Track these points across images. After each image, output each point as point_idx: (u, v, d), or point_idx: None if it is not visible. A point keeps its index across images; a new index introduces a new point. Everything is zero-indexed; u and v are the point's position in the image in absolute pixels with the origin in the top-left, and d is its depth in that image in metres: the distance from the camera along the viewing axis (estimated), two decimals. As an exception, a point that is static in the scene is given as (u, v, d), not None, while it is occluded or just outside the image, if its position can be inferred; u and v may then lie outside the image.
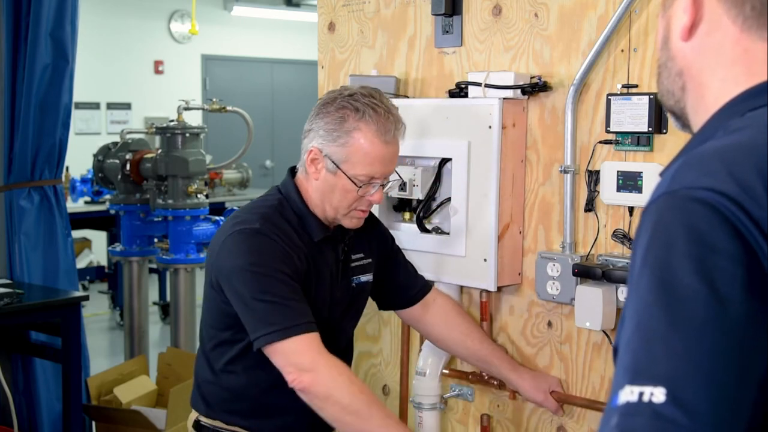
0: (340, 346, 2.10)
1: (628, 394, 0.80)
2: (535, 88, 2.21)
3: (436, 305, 2.25)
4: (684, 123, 1.07)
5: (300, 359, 1.86)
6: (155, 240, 4.94)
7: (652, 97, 2.01)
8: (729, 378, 0.79)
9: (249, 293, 1.89)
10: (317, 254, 2.00)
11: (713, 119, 0.98)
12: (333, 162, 1.94)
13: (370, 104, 1.93)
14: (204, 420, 2.06)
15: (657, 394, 0.78)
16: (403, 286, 2.24)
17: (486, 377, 2.36)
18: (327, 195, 1.98)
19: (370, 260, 2.14)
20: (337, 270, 2.05)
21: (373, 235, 2.19)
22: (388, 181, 2.02)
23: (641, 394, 0.79)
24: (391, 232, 2.40)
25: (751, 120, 0.93)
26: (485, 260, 2.25)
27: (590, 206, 2.17)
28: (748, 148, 0.88)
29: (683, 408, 0.78)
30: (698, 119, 1.02)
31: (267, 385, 1.97)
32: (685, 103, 1.04)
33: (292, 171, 2.07)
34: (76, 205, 7.08)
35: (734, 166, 0.85)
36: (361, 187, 1.95)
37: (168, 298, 5.54)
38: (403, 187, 2.40)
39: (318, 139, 1.96)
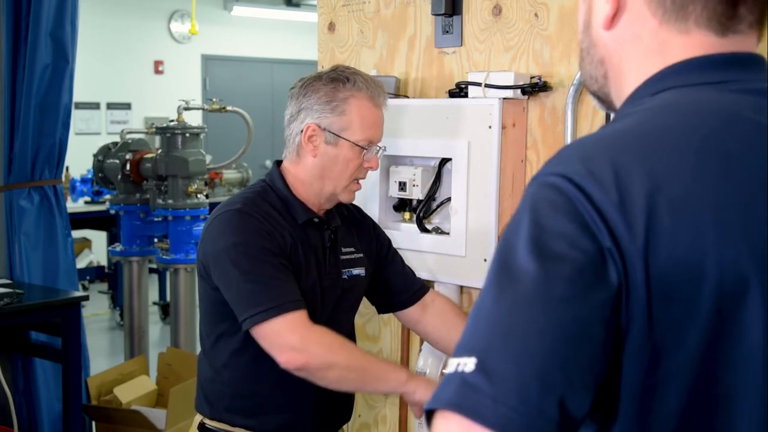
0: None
1: (450, 366, 0.83)
2: (535, 88, 2.21)
3: (434, 306, 2.25)
4: (609, 106, 1.08)
5: (289, 339, 1.86)
6: (155, 240, 4.94)
7: (652, 97, 2.01)
8: (544, 352, 0.81)
9: (234, 274, 1.89)
10: (303, 237, 2.00)
11: (620, 108, 1.01)
12: (333, 133, 1.97)
13: (354, 73, 2.01)
14: (208, 422, 2.04)
15: (468, 364, 0.81)
16: (400, 287, 2.23)
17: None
18: (327, 169, 2.00)
19: (361, 255, 2.13)
20: (324, 258, 2.04)
21: (365, 232, 2.19)
22: (379, 148, 2.05)
23: (458, 365, 0.82)
24: (391, 232, 2.41)
25: (642, 105, 0.96)
26: (485, 260, 2.25)
27: (590, 206, 2.17)
28: (614, 135, 0.92)
29: (489, 376, 0.80)
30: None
31: (269, 379, 1.97)
32: (608, 90, 1.06)
33: (278, 162, 2.10)
34: (76, 205, 7.09)
35: (588, 155, 0.89)
36: (365, 149, 1.98)
37: (168, 298, 5.54)
38: (403, 187, 2.40)
39: (313, 115, 1.99)
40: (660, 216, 0.84)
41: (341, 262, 2.08)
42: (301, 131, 2.00)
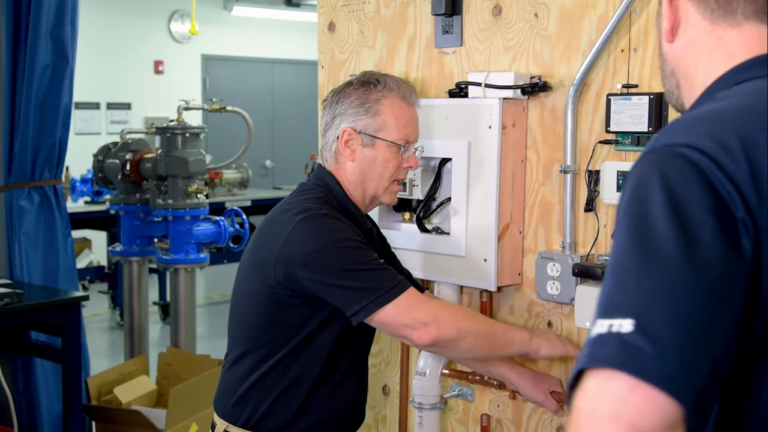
0: (371, 341, 2.13)
1: (599, 327, 0.86)
2: (535, 88, 2.21)
3: None
4: None
5: (418, 314, 1.86)
6: (155, 240, 4.94)
7: (652, 97, 2.01)
8: (696, 314, 0.84)
9: (342, 267, 1.86)
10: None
11: (703, 94, 1.07)
12: (369, 135, 1.99)
13: (384, 75, 2.04)
14: (233, 431, 2.01)
15: (625, 325, 0.84)
16: None
17: (486, 377, 2.36)
18: (367, 172, 2.01)
19: (382, 260, 2.14)
20: None
21: (378, 237, 2.21)
22: (416, 148, 2.08)
23: (610, 326, 0.85)
24: (391, 232, 2.42)
25: (737, 90, 1.01)
26: (485, 260, 2.25)
27: (590, 206, 2.17)
28: (729, 111, 0.96)
29: (649, 337, 0.83)
30: None
31: (309, 386, 1.97)
32: (682, 100, 1.12)
33: (321, 167, 2.08)
34: (76, 205, 7.08)
35: (714, 126, 0.93)
36: (403, 147, 2.00)
37: (168, 298, 5.54)
38: (403, 187, 2.40)
39: (348, 119, 2.00)
40: None
41: None
42: (338, 137, 2.01)
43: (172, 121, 4.74)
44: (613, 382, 0.82)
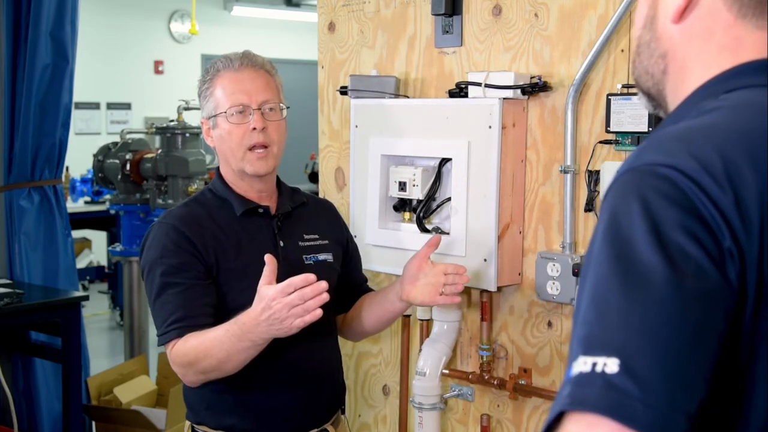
0: (315, 324, 1.97)
1: (582, 365, 0.80)
2: (535, 88, 2.21)
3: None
4: (658, 105, 1.05)
5: (170, 358, 2.01)
6: (155, 240, 4.94)
7: (652, 97, 2.01)
8: (683, 351, 0.79)
9: (147, 290, 2.01)
10: (244, 229, 2.02)
11: (687, 100, 0.97)
12: (212, 117, 2.05)
13: (220, 58, 2.11)
14: (197, 428, 2.06)
15: (610, 365, 0.78)
16: (353, 288, 2.23)
17: (486, 377, 2.36)
18: (223, 150, 2.05)
19: (327, 242, 2.12)
20: (276, 245, 2.02)
21: (332, 221, 2.19)
22: (270, 109, 2.05)
23: (594, 365, 0.79)
24: (391, 232, 2.41)
25: (724, 101, 0.93)
26: (485, 260, 2.25)
27: (590, 206, 2.17)
28: (712, 129, 0.89)
29: (635, 378, 0.77)
30: (676, 102, 1.00)
31: (241, 383, 1.96)
32: (664, 86, 1.02)
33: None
34: (76, 205, 7.08)
35: (695, 146, 0.86)
36: (229, 113, 2.00)
37: (168, 298, 5.53)
38: (403, 187, 2.40)
39: (202, 113, 2.09)
40: None
41: (302, 248, 2.07)
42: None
43: (172, 121, 4.74)
44: (598, 428, 0.77)
